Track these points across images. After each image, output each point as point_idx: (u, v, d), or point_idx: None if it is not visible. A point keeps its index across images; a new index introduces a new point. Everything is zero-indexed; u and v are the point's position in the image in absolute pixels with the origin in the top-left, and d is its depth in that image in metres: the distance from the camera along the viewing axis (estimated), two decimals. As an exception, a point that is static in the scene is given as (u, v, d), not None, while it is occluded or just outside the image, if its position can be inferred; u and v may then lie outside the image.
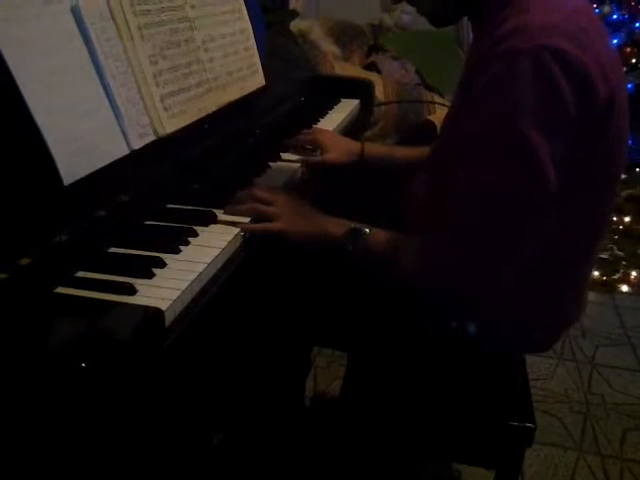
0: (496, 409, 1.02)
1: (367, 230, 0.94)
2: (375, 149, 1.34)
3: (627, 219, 2.47)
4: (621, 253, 2.37)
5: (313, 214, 0.99)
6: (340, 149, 1.28)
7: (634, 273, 2.32)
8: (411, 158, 1.28)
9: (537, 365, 1.88)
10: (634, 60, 2.67)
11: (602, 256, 2.29)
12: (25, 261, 0.67)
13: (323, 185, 1.26)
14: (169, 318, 0.69)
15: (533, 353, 1.72)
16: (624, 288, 2.30)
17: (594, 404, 1.74)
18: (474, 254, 0.85)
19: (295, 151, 1.27)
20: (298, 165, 1.20)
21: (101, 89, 0.85)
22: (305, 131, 1.35)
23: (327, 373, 1.80)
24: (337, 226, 0.96)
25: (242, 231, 0.91)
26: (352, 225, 0.95)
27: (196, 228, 0.88)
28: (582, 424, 1.67)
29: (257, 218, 0.95)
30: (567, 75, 0.77)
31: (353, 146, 1.31)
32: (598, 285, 2.28)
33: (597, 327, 2.08)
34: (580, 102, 0.78)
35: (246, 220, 0.94)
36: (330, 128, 1.45)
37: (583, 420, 1.68)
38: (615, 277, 2.31)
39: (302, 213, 0.99)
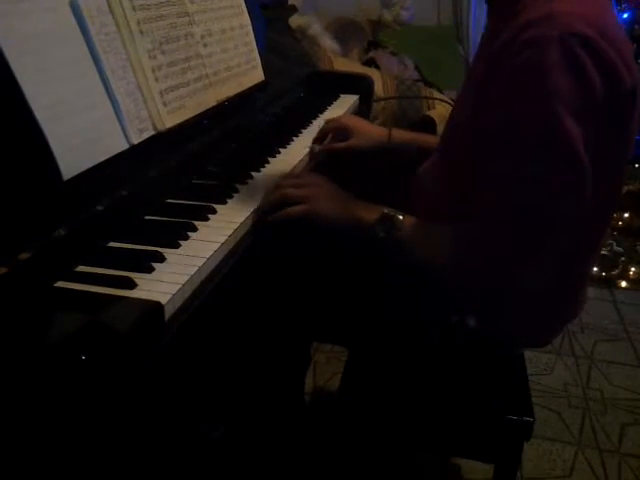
0: (495, 403, 1.02)
1: (400, 217, 0.93)
2: (402, 135, 1.32)
3: (626, 215, 2.47)
4: (620, 249, 2.37)
5: (344, 198, 0.97)
6: (367, 134, 1.27)
7: (633, 269, 2.32)
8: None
9: (536, 360, 1.88)
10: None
11: (601, 252, 2.30)
12: (25, 255, 0.67)
13: (342, 172, 1.26)
14: (169, 312, 0.69)
15: (532, 348, 1.73)
16: (623, 284, 2.30)
17: (593, 399, 1.75)
18: (513, 243, 0.84)
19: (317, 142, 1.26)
20: (297, 160, 1.20)
21: (100, 84, 0.85)
22: (329, 119, 1.33)
23: (326, 368, 1.81)
24: (369, 211, 0.94)
25: (266, 223, 0.90)
26: (384, 210, 0.93)
27: (195, 223, 0.88)
28: (581, 419, 1.67)
29: (285, 204, 0.94)
30: (595, 62, 0.78)
31: (380, 131, 1.29)
32: (597, 281, 2.28)
33: (596, 322, 2.09)
34: (606, 89, 0.79)
35: (252, 208, 0.94)
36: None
37: (582, 415, 1.69)
38: (614, 273, 2.32)
39: (332, 196, 0.97)
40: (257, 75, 1.33)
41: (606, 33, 0.80)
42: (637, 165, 2.45)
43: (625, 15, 2.60)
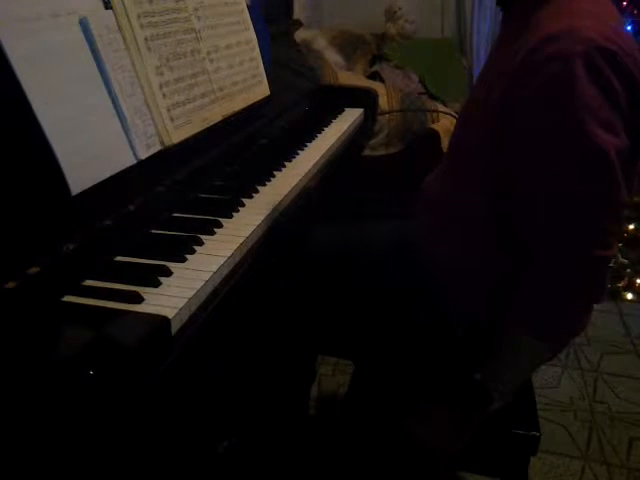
0: (501, 417, 1.02)
1: (477, 376, 0.92)
2: None
3: (631, 227, 2.46)
4: (626, 261, 2.36)
5: (448, 423, 0.96)
6: None
7: (639, 281, 2.31)
8: None
9: (542, 373, 1.87)
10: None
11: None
12: (34, 270, 0.68)
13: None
14: (175, 326, 0.70)
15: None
16: (629, 296, 2.29)
17: (600, 412, 1.73)
18: (578, 271, 0.85)
19: None
20: (302, 174, 1.21)
21: (109, 100, 0.86)
22: None
23: (332, 380, 1.80)
24: (465, 406, 0.95)
25: None
26: (471, 395, 0.93)
27: (202, 237, 0.89)
28: (588, 433, 1.66)
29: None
30: (618, 75, 0.80)
31: None
32: (603, 293, 2.27)
33: (602, 335, 2.08)
34: (629, 101, 0.81)
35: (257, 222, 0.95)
36: (335, 137, 1.46)
37: (589, 428, 1.67)
38: (620, 285, 2.31)
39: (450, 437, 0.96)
40: (263, 90, 1.34)
41: (623, 46, 0.82)
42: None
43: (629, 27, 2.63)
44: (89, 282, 0.75)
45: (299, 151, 1.34)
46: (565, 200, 0.83)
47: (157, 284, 0.75)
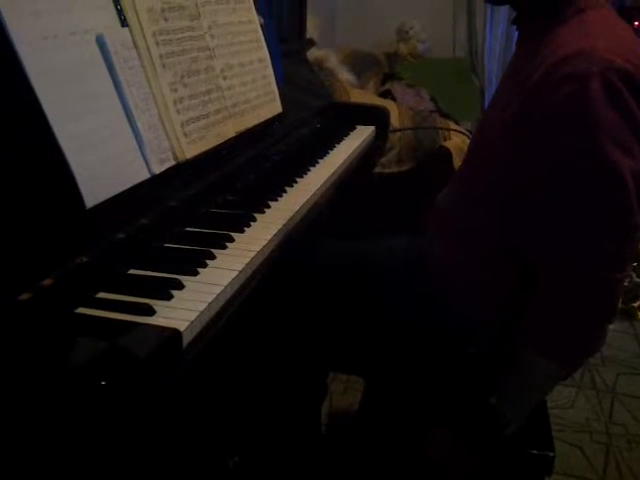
0: (515, 437, 1.00)
1: (492, 400, 0.92)
2: None
3: (646, 246, 2.43)
4: (640, 280, 2.33)
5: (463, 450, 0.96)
6: None
7: (654, 300, 2.28)
8: None
9: (556, 393, 1.84)
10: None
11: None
12: (48, 282, 0.68)
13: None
14: (187, 339, 0.70)
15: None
16: (644, 316, 2.26)
17: (616, 434, 1.70)
18: (585, 285, 0.85)
19: None
20: (313, 190, 1.21)
21: (123, 115, 0.88)
22: None
23: (343, 398, 1.79)
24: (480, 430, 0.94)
25: None
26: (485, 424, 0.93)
27: (214, 251, 0.89)
28: (604, 455, 1.63)
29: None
30: (634, 95, 0.80)
31: None
32: (618, 313, 2.23)
33: (617, 355, 2.04)
34: None
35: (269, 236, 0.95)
36: (346, 154, 1.47)
37: (605, 451, 1.64)
38: (635, 305, 2.28)
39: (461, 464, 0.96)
40: (275, 107, 1.36)
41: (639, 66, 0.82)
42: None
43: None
44: (102, 294, 0.76)
45: (311, 167, 1.35)
46: (578, 221, 0.83)
47: (169, 297, 0.76)
